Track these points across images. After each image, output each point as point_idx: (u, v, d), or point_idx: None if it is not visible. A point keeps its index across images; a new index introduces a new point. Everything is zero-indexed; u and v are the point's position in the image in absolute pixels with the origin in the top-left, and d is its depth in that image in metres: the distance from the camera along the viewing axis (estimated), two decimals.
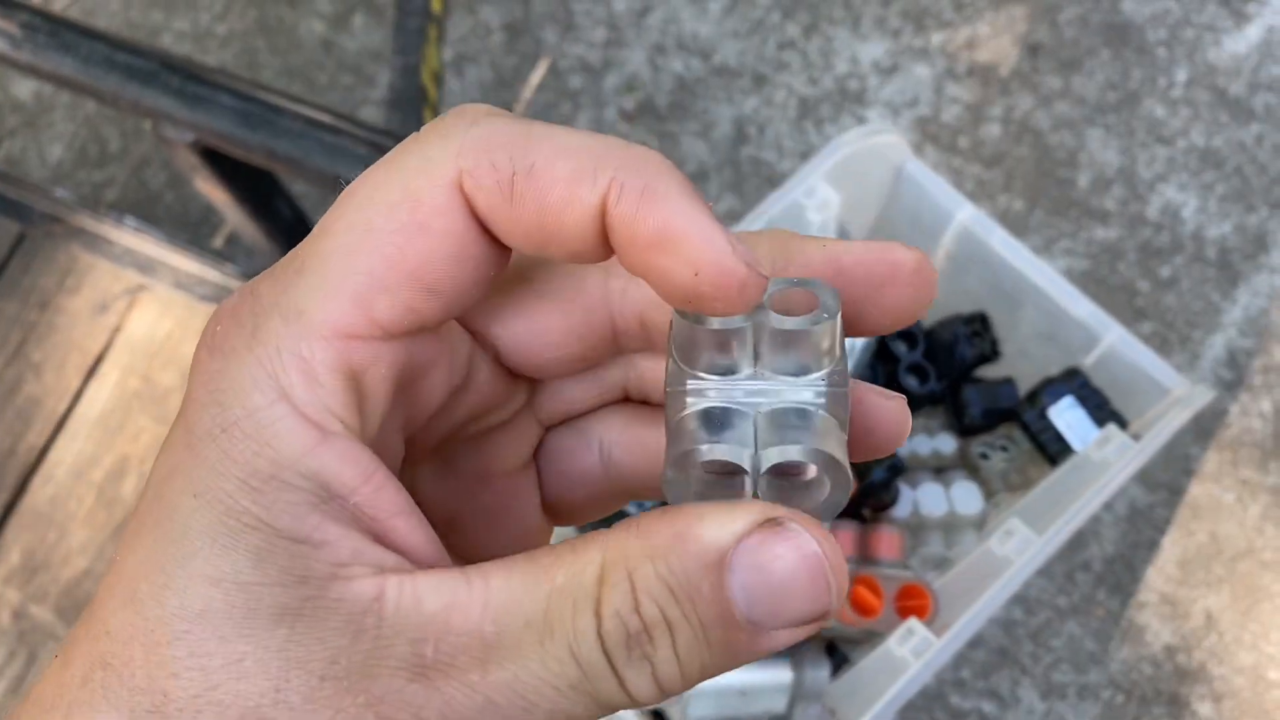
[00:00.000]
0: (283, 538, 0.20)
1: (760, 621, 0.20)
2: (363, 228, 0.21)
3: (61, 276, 1.14)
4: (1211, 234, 1.47)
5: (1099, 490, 0.60)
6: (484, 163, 0.21)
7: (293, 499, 0.20)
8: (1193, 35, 1.56)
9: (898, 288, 0.23)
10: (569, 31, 1.62)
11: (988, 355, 0.74)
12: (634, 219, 0.20)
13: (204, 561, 0.19)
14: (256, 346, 0.21)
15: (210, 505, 0.20)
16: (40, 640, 1.03)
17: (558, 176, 0.21)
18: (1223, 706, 1.29)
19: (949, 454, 0.74)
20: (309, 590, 0.19)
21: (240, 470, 0.20)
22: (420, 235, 0.21)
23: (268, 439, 0.20)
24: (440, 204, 0.21)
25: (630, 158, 0.21)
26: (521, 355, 0.24)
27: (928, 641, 0.57)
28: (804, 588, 0.20)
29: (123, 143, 1.56)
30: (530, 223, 0.21)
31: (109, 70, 0.89)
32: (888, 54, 1.58)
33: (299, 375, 0.20)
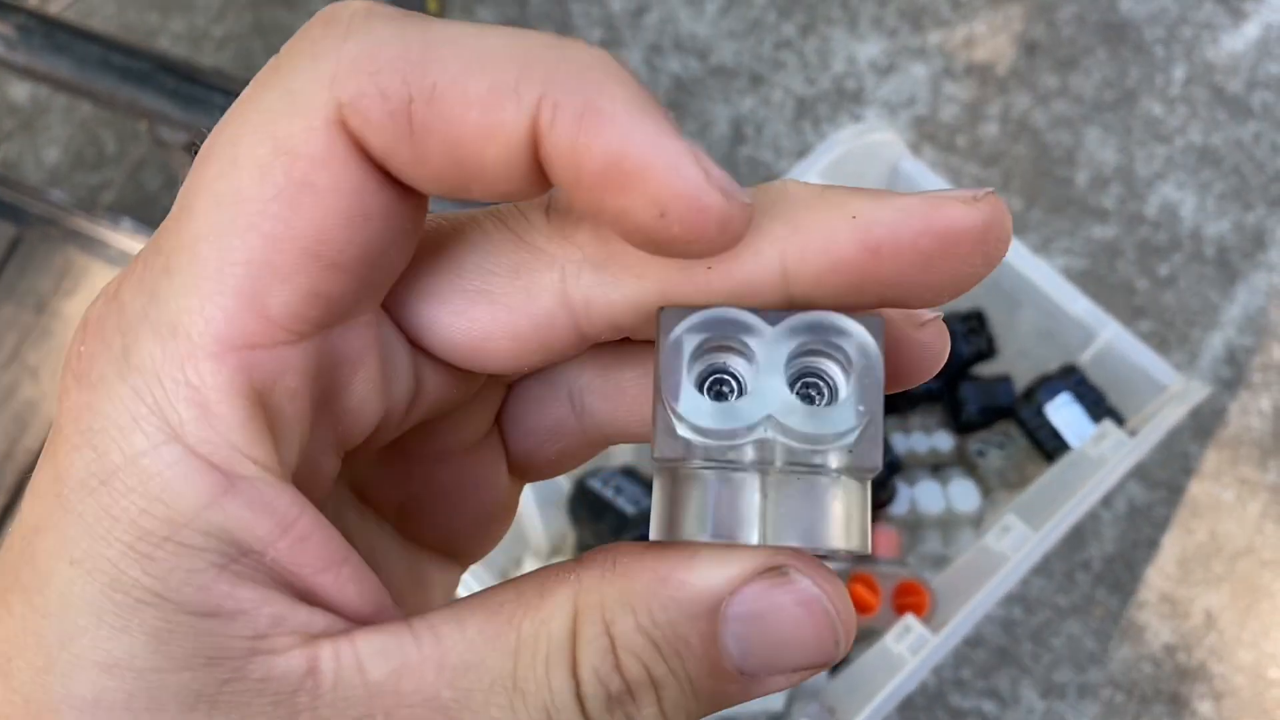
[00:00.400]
0: (185, 613, 0.16)
1: (755, 672, 0.17)
2: (232, 200, 0.17)
3: (58, 279, 1.14)
4: (1210, 232, 1.47)
5: (1096, 486, 0.60)
6: (369, 89, 0.16)
7: (193, 564, 0.16)
8: (1190, 33, 1.56)
9: (950, 263, 0.17)
10: (566, 32, 1.62)
11: (984, 353, 0.74)
12: (575, 148, 0.16)
13: (91, 643, 0.16)
14: (130, 374, 0.16)
15: (92, 575, 0.16)
16: None
17: (469, 99, 0.16)
18: (1223, 705, 1.29)
19: (946, 452, 0.74)
20: (224, 672, 0.16)
21: (125, 532, 0.16)
22: (305, 198, 0.16)
23: (156, 492, 0.16)
24: (321, 152, 0.16)
25: (564, 64, 0.16)
26: (466, 361, 0.20)
27: (924, 638, 0.57)
28: (808, 640, 0.17)
29: (119, 145, 1.56)
30: (441, 162, 0.16)
31: (104, 71, 0.89)
32: (885, 53, 1.57)
33: (189, 406, 0.16)
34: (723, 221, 0.16)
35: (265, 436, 0.17)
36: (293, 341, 0.17)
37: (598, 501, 0.73)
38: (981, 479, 0.72)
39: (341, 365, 0.18)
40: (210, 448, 0.16)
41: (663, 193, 0.16)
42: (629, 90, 0.17)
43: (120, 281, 0.18)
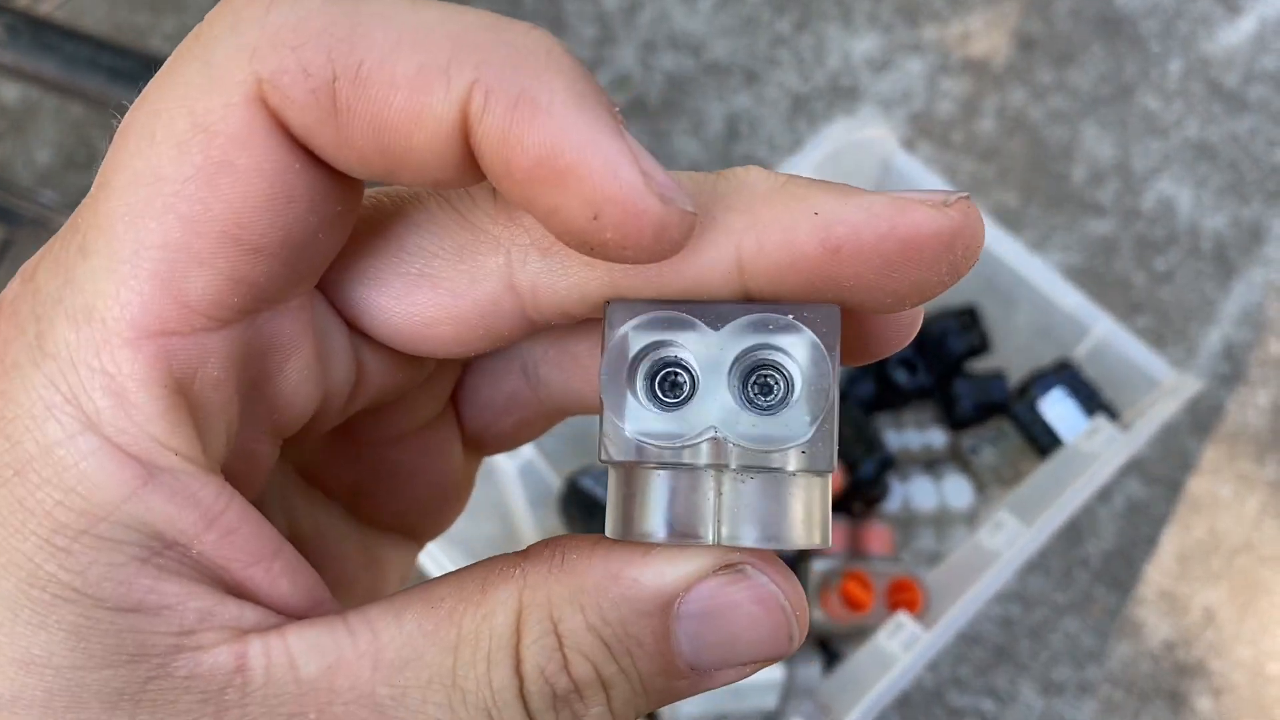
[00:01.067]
0: (106, 608, 0.15)
1: (707, 668, 0.17)
2: (149, 179, 0.16)
3: None
4: (1207, 227, 1.47)
5: (1089, 481, 0.59)
6: (291, 65, 0.15)
7: (113, 559, 0.15)
8: (1186, 27, 1.56)
9: (913, 270, 0.16)
10: (559, 30, 1.61)
11: (977, 348, 0.74)
12: (506, 140, 0.15)
13: (8, 640, 0.15)
14: (44, 360, 0.15)
15: (7, 570, 0.15)
16: None
17: (396, 79, 0.15)
18: (1222, 702, 1.28)
19: (939, 448, 0.73)
20: (148, 669, 0.15)
21: (41, 525, 0.15)
22: (223, 179, 0.15)
23: (72, 483, 0.15)
24: (240, 130, 0.15)
25: (501, 47, 0.15)
26: (408, 346, 0.19)
27: (917, 635, 0.57)
28: (762, 636, 0.17)
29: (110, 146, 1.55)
30: (366, 145, 0.15)
31: (93, 71, 0.88)
32: (880, 49, 1.57)
33: (105, 395, 0.15)
34: (659, 229, 0.16)
35: (187, 426, 0.16)
36: (214, 328, 0.16)
37: (589, 500, 0.73)
38: (975, 475, 0.72)
39: (272, 352, 0.17)
40: (128, 438, 0.15)
41: (596, 194, 0.15)
42: (569, 80, 0.15)
43: (37, 262, 0.17)
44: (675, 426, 0.16)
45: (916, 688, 1.29)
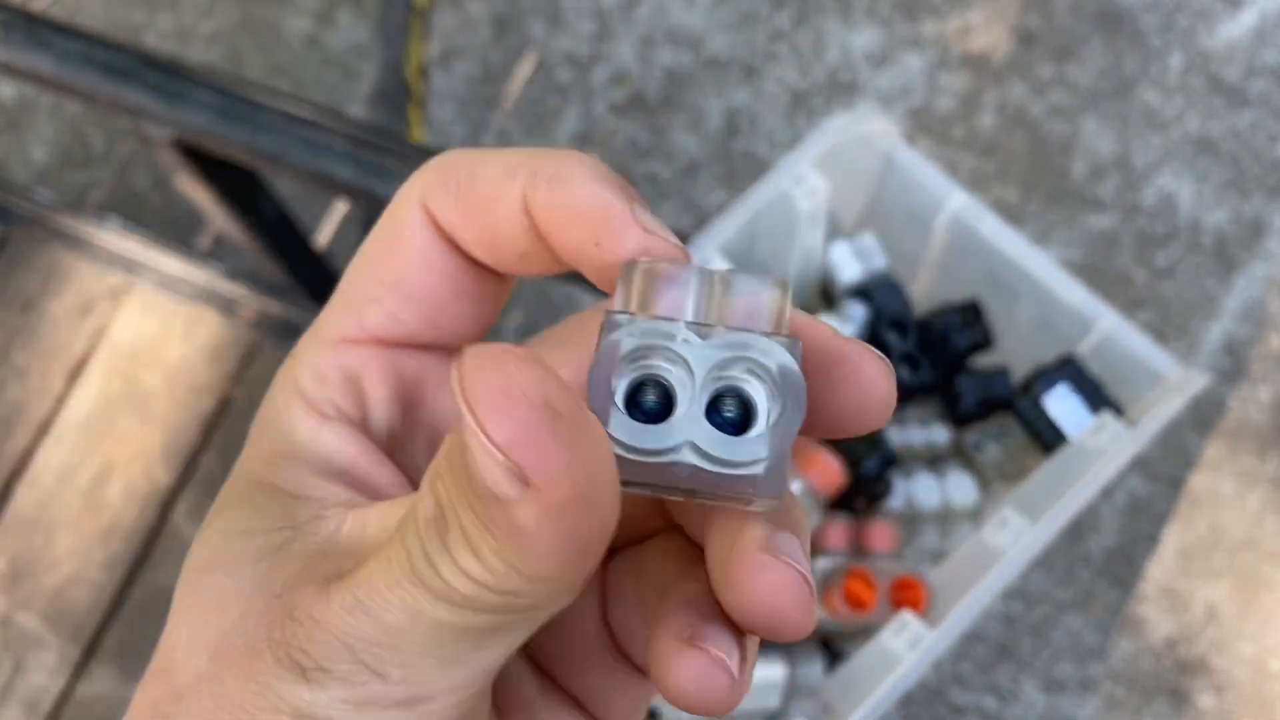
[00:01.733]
0: (283, 492, 0.23)
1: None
2: (363, 251, 0.26)
3: (44, 278, 1.12)
4: (1208, 222, 1.46)
5: (1094, 478, 0.59)
6: (438, 180, 0.24)
7: (299, 469, 0.24)
8: (1186, 22, 1.55)
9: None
10: (557, 25, 1.60)
11: (980, 344, 0.73)
12: (545, 202, 0.22)
13: (220, 519, 0.23)
14: (289, 360, 0.26)
15: (240, 479, 0.24)
16: (27, 647, 1.02)
17: (490, 177, 0.23)
18: (1224, 698, 1.28)
19: (943, 444, 0.73)
20: (292, 531, 0.22)
21: (266, 452, 0.24)
22: (395, 249, 0.25)
23: (286, 428, 0.24)
24: (409, 220, 0.24)
25: (550, 155, 0.23)
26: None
27: (921, 634, 0.56)
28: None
29: (107, 144, 1.54)
30: (476, 223, 0.24)
31: (86, 67, 0.88)
32: (879, 44, 1.56)
33: (310, 376, 0.25)
34: (640, 247, 0.21)
35: (356, 402, 0.25)
36: (378, 345, 0.25)
37: None
38: (979, 472, 0.71)
39: (420, 383, 0.26)
40: (318, 402, 0.25)
41: (596, 227, 0.22)
42: (589, 167, 0.22)
43: None
44: (651, 441, 0.18)
45: (919, 685, 1.29)
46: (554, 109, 1.56)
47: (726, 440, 0.18)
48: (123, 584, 1.01)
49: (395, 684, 0.20)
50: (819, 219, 0.70)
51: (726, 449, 0.18)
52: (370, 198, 0.83)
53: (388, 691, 0.20)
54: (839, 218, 0.76)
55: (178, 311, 1.08)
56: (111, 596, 1.01)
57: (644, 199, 0.23)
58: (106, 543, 1.03)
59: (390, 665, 0.20)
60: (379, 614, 0.19)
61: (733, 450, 0.18)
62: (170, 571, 1.01)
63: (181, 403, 1.07)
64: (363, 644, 0.19)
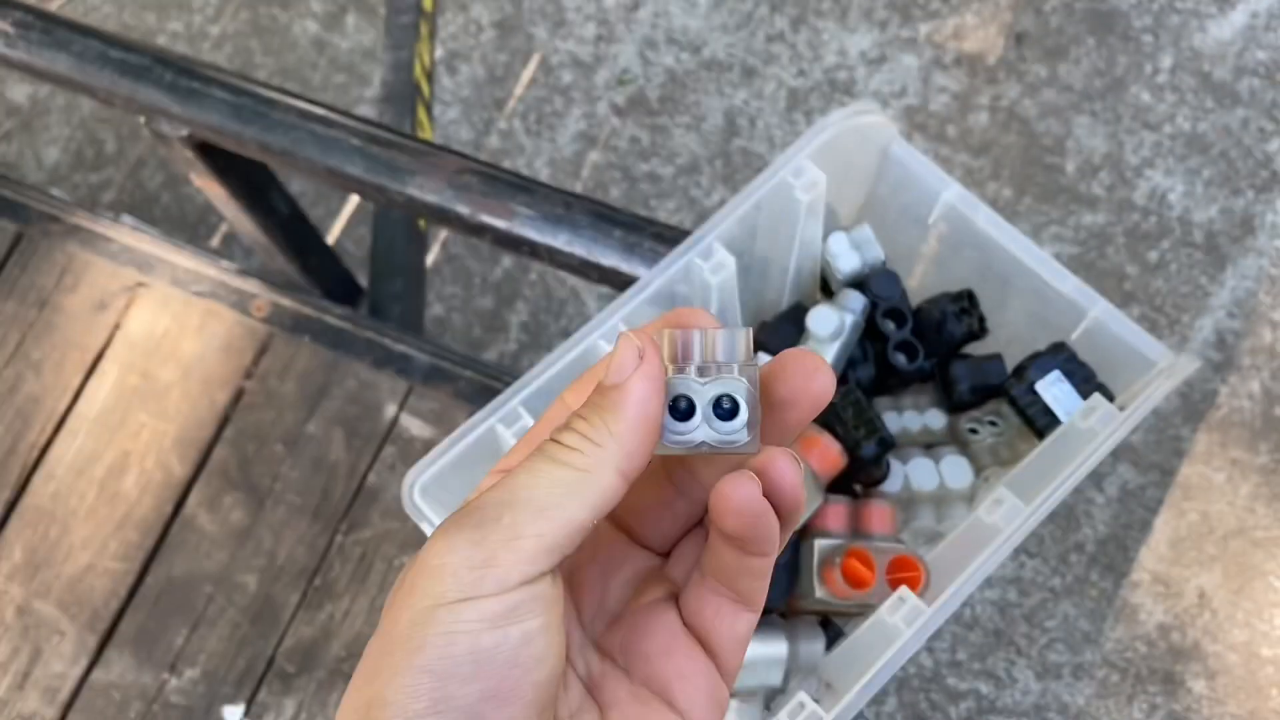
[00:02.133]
0: None
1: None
2: None
3: (59, 275, 1.15)
4: (1198, 218, 1.49)
5: (1085, 459, 0.61)
6: None
7: None
8: (1178, 21, 1.58)
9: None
10: (560, 27, 1.63)
11: (975, 333, 0.75)
12: None
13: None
14: None
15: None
16: (45, 635, 1.04)
17: None
18: (1216, 683, 1.30)
19: (938, 430, 0.75)
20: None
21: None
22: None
23: None
24: None
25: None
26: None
27: (918, 610, 0.58)
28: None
29: (119, 145, 1.57)
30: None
31: (103, 67, 0.90)
32: (875, 45, 1.59)
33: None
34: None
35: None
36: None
37: None
38: (974, 456, 0.74)
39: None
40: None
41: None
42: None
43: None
44: (685, 436, 0.31)
45: (916, 671, 1.31)
46: (557, 109, 1.58)
47: (721, 429, 0.31)
48: (139, 572, 1.04)
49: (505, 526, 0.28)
50: (818, 211, 0.73)
51: (724, 431, 0.31)
52: (380, 192, 0.85)
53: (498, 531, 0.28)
54: (837, 211, 0.79)
55: (191, 306, 1.10)
56: (128, 584, 1.04)
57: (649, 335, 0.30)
58: (122, 532, 1.05)
59: (504, 510, 0.28)
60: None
61: (727, 431, 0.31)
62: (184, 559, 1.03)
63: (195, 396, 1.09)
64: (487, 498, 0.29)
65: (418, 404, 1.05)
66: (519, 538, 0.28)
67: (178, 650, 1.01)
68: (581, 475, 0.29)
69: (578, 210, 0.82)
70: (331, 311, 1.07)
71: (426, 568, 0.28)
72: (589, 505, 0.29)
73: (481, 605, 0.28)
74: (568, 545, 0.29)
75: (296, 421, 1.06)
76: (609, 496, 0.29)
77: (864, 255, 0.76)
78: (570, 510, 0.29)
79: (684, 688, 0.32)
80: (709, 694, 0.32)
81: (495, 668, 0.28)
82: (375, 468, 1.04)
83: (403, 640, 0.28)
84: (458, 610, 0.27)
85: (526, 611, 0.28)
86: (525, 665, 0.28)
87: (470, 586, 0.28)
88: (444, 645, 0.27)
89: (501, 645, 0.28)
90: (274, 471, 1.05)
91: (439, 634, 0.27)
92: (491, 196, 0.83)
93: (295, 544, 1.03)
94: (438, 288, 1.49)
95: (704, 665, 0.32)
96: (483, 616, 0.27)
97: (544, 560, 0.28)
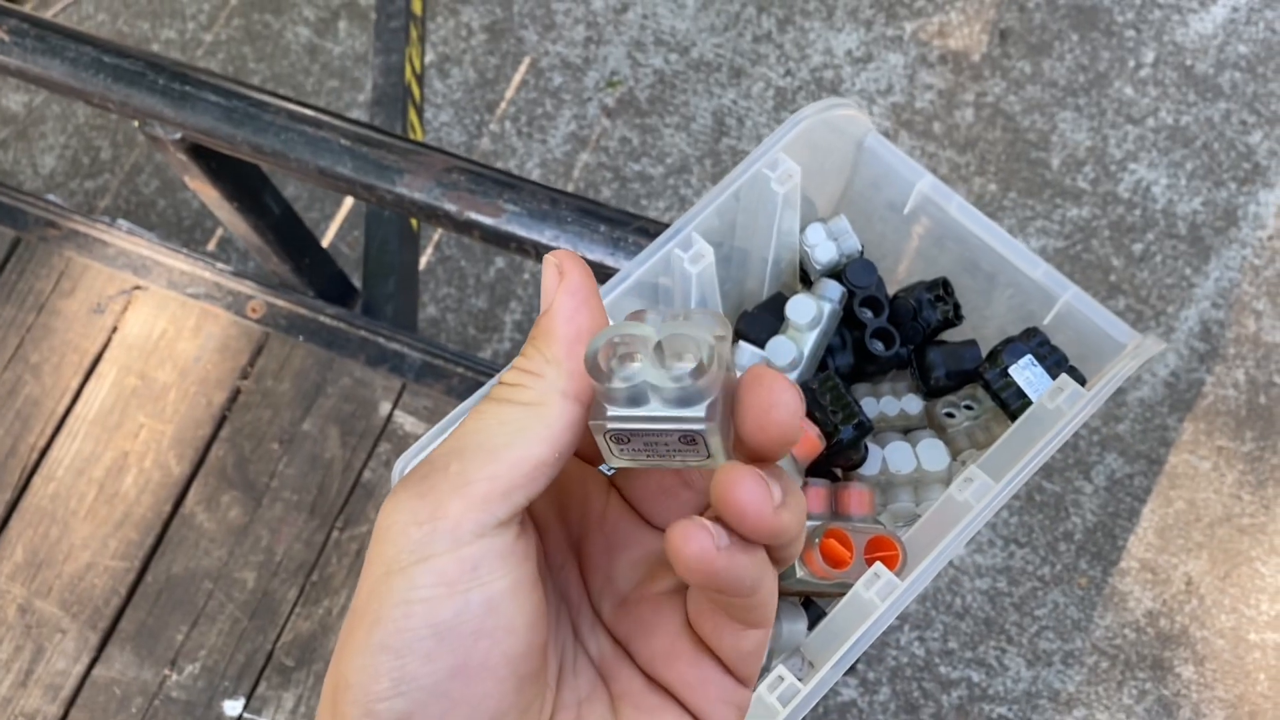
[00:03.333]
0: None
1: None
2: None
3: (57, 279, 1.17)
4: (1182, 210, 1.50)
5: (1053, 437, 0.63)
6: None
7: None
8: (1160, 16, 1.60)
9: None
10: (549, 30, 1.65)
11: (950, 320, 0.77)
12: None
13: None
14: None
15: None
16: (47, 634, 1.05)
17: None
18: (1204, 669, 1.32)
19: (915, 414, 0.77)
20: None
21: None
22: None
23: None
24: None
25: None
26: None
27: (892, 584, 0.60)
28: None
29: (114, 152, 1.59)
30: None
31: (97, 72, 0.92)
32: (861, 44, 1.61)
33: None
34: None
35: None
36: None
37: None
38: (950, 440, 0.75)
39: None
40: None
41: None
42: None
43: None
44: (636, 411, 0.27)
45: (908, 661, 1.33)
46: (548, 112, 1.60)
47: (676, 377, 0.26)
48: (139, 570, 1.05)
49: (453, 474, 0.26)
50: (794, 202, 0.74)
51: (675, 387, 0.26)
52: (369, 191, 0.87)
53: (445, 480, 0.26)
54: (815, 203, 0.80)
55: (187, 308, 1.12)
56: (128, 582, 1.05)
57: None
58: (121, 531, 1.07)
59: (452, 459, 0.26)
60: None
61: (678, 386, 0.26)
62: (184, 557, 1.05)
63: (192, 396, 1.11)
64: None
65: (411, 401, 1.07)
66: (468, 484, 0.26)
67: (178, 646, 1.02)
68: (528, 409, 0.27)
69: (564, 206, 0.84)
70: (326, 311, 1.08)
71: (378, 532, 0.26)
72: (543, 439, 0.27)
73: (436, 565, 0.25)
74: (527, 487, 0.26)
75: (292, 420, 1.08)
76: (564, 425, 0.27)
77: (841, 246, 0.77)
78: (523, 448, 0.26)
79: (692, 695, 0.29)
80: (721, 699, 0.29)
81: (459, 640, 0.25)
82: (370, 464, 1.06)
83: (361, 614, 0.26)
84: (412, 575, 0.25)
85: (489, 572, 0.26)
86: (494, 636, 0.26)
87: (421, 545, 0.25)
88: (401, 618, 0.25)
89: (463, 614, 0.25)
90: (271, 469, 1.07)
91: (395, 605, 0.25)
92: (479, 194, 0.84)
93: (293, 540, 1.04)
94: (432, 289, 1.51)
95: (713, 673, 0.29)
96: (440, 580, 0.25)
97: (500, 506, 0.26)
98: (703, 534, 0.25)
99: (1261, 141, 1.51)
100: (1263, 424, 1.39)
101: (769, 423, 0.26)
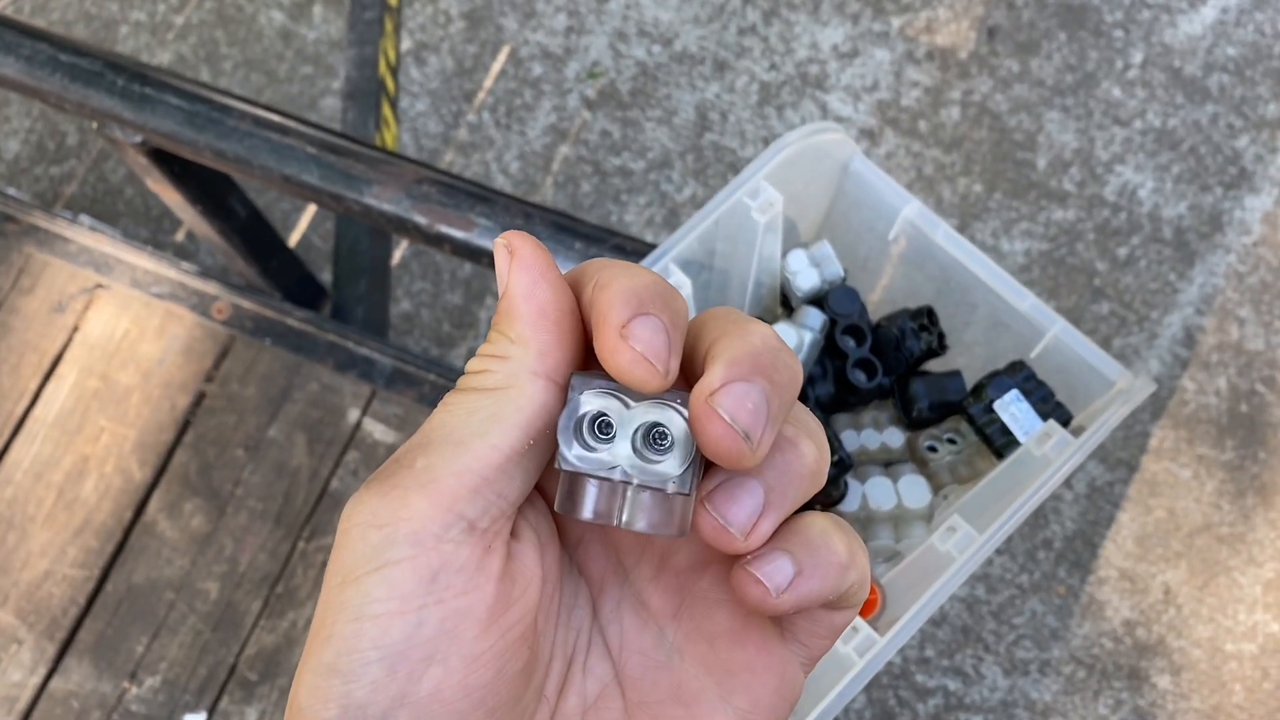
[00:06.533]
0: None
1: None
2: None
3: (16, 276, 1.13)
4: (1168, 214, 1.49)
5: (1040, 487, 0.61)
6: None
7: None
8: (1148, 16, 1.57)
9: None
10: (529, 19, 1.61)
11: (935, 350, 0.75)
12: None
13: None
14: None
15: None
16: (2, 644, 1.03)
17: None
18: (1181, 679, 1.31)
19: (897, 448, 0.75)
20: None
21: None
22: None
23: None
24: None
25: None
26: None
27: (871, 640, 0.58)
28: None
29: (81, 137, 1.54)
30: None
31: (53, 71, 0.88)
32: (847, 38, 1.58)
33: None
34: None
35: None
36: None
37: None
38: (932, 475, 0.73)
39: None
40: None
41: None
42: None
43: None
44: (602, 458, 0.26)
45: (885, 669, 1.32)
46: (527, 102, 1.57)
47: (645, 466, 0.26)
48: (98, 579, 1.03)
49: (419, 470, 0.24)
50: (776, 229, 0.72)
51: (651, 464, 0.26)
52: (337, 201, 0.84)
53: (411, 476, 0.24)
54: (797, 228, 0.78)
55: (151, 308, 1.08)
56: (87, 592, 1.03)
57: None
58: (81, 538, 1.04)
59: (418, 454, 0.24)
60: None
61: (655, 465, 0.26)
62: (145, 566, 1.02)
63: (155, 399, 1.08)
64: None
65: (381, 408, 1.04)
66: (434, 480, 0.24)
67: (138, 658, 1.00)
68: (497, 394, 0.25)
69: (538, 221, 0.81)
70: (293, 314, 1.05)
71: (338, 536, 0.24)
72: (515, 424, 0.25)
73: (393, 575, 0.23)
74: (499, 482, 0.24)
75: (258, 426, 1.05)
76: (536, 406, 0.25)
77: (823, 272, 0.75)
78: (495, 436, 0.24)
79: (749, 682, 0.26)
80: (778, 692, 0.27)
81: (409, 667, 0.23)
82: (338, 473, 1.04)
83: (316, 628, 0.23)
84: (366, 586, 0.23)
85: (447, 586, 0.23)
86: (448, 664, 0.23)
87: (378, 551, 0.23)
88: (350, 637, 0.23)
89: (414, 637, 0.23)
90: (235, 477, 1.04)
91: (347, 621, 0.23)
92: (450, 206, 0.82)
93: (257, 550, 1.02)
94: (406, 284, 1.48)
95: (779, 658, 0.26)
96: (393, 593, 0.23)
97: (469, 505, 0.24)
98: (757, 589, 0.24)
99: (1248, 146, 1.50)
100: (1244, 432, 1.39)
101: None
